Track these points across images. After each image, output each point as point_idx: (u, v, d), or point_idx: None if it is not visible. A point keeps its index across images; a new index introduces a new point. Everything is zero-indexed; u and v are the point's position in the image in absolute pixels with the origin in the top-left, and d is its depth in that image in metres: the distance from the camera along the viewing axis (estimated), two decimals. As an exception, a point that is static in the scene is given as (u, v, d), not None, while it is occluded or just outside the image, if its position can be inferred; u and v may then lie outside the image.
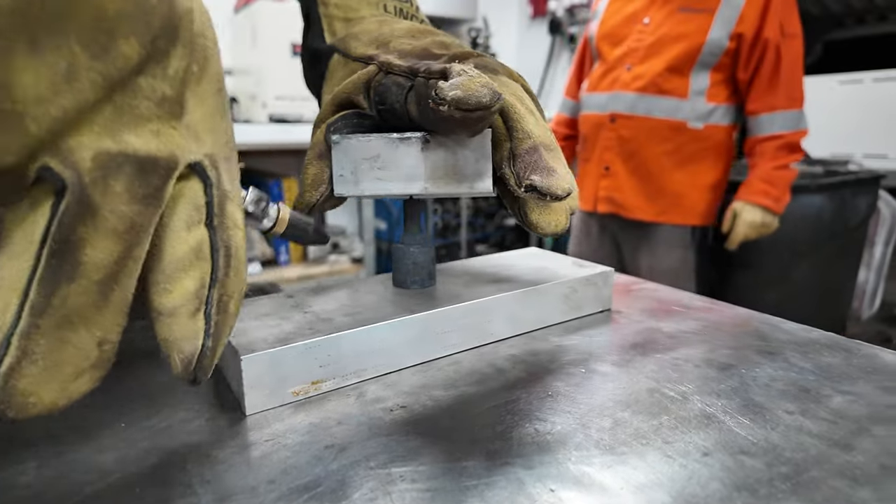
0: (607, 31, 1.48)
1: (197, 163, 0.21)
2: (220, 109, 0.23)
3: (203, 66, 0.21)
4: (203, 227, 0.21)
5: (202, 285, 0.21)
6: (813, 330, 0.38)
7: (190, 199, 0.21)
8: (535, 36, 3.11)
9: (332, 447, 0.25)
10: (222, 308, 0.22)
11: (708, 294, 1.66)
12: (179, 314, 0.20)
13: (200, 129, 0.21)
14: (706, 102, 1.36)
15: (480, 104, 0.28)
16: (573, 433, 0.26)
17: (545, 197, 0.30)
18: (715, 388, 0.30)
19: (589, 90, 1.52)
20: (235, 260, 0.22)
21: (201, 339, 0.21)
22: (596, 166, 1.49)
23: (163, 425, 0.27)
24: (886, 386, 0.30)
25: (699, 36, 1.32)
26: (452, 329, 0.34)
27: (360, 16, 0.41)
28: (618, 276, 0.52)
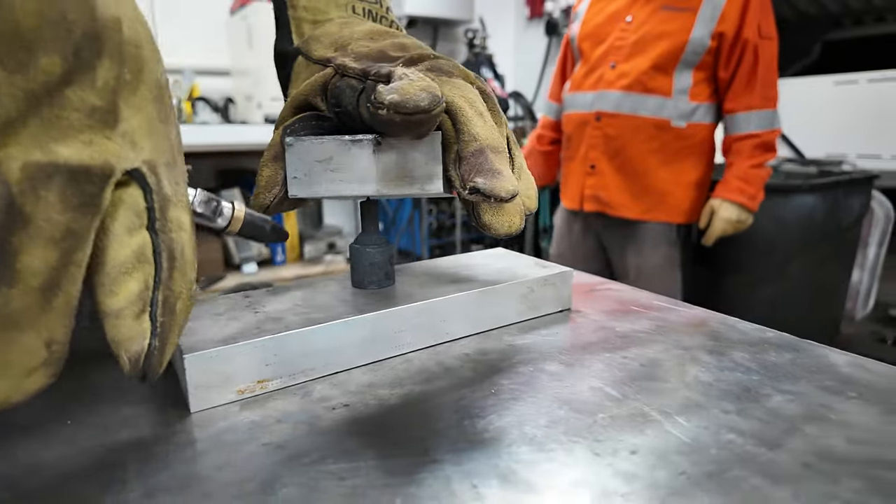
0: (589, 31, 1.49)
1: (135, 169, 0.22)
2: (161, 116, 0.23)
3: (137, 74, 0.22)
4: (145, 231, 0.22)
5: (146, 287, 0.22)
6: (767, 330, 0.38)
7: (130, 205, 0.21)
8: (531, 37, 3.11)
9: (269, 445, 0.25)
10: (168, 309, 0.22)
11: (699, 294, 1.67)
12: (125, 315, 0.21)
13: (138, 136, 0.22)
14: (689, 101, 1.37)
15: (419, 108, 0.28)
16: (508, 430, 0.26)
17: (489, 199, 0.30)
18: (657, 387, 0.30)
19: (572, 90, 1.53)
20: (180, 261, 0.23)
21: (147, 338, 0.22)
22: (581, 165, 1.50)
23: (109, 422, 0.27)
24: (827, 385, 0.30)
25: (682, 34, 1.33)
26: (405, 329, 0.34)
27: (328, 18, 0.41)
28: (584, 276, 0.52)
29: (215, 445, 0.25)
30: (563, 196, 1.61)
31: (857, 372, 0.32)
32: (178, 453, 0.25)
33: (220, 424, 0.27)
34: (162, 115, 0.23)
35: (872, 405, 0.28)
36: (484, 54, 2.78)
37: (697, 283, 1.77)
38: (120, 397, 0.30)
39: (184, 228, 0.24)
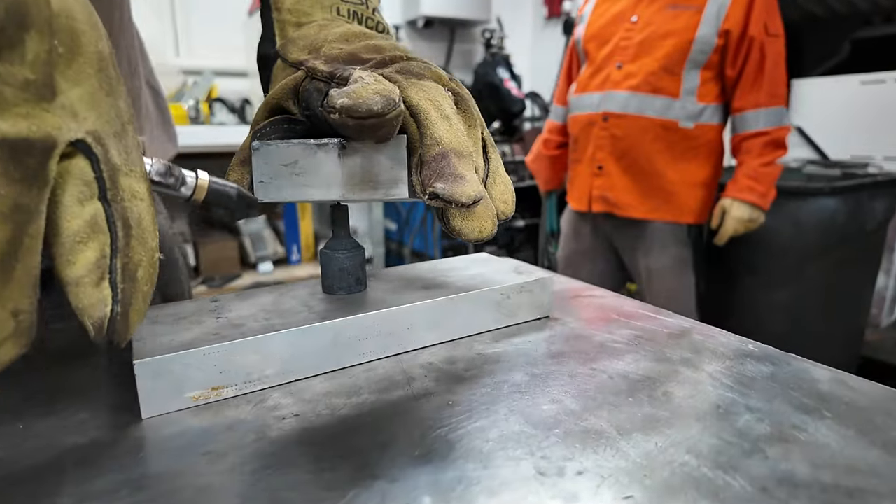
0: (594, 33, 1.48)
1: (79, 140, 0.22)
2: (105, 87, 0.23)
3: (72, 46, 0.22)
4: (97, 200, 0.22)
5: (102, 255, 0.22)
6: (749, 342, 0.36)
7: (77, 176, 0.21)
8: (549, 37, 3.09)
9: (211, 454, 0.25)
10: (128, 276, 0.23)
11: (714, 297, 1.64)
12: (84, 283, 0.21)
13: (79, 107, 0.22)
14: (697, 102, 1.35)
15: (371, 112, 0.27)
16: (456, 445, 0.25)
17: (450, 204, 0.29)
18: (621, 402, 0.29)
19: (578, 91, 1.52)
20: (137, 230, 0.23)
21: (109, 305, 0.22)
22: (588, 166, 1.48)
23: (60, 426, 0.27)
24: (802, 403, 0.28)
25: (688, 33, 1.32)
26: (369, 336, 0.33)
27: (312, 20, 0.41)
28: (572, 282, 0.51)
29: (158, 453, 0.25)
30: (570, 198, 1.60)
31: (838, 389, 0.30)
32: (119, 460, 0.24)
33: (168, 431, 0.27)
34: (106, 87, 0.23)
35: (847, 426, 0.26)
36: (501, 55, 2.77)
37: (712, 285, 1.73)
38: (79, 400, 0.30)
39: (139, 197, 0.24)
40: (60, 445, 0.26)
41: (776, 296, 1.70)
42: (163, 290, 0.56)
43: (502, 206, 0.35)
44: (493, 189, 0.35)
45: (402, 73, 0.34)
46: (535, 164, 1.76)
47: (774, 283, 1.70)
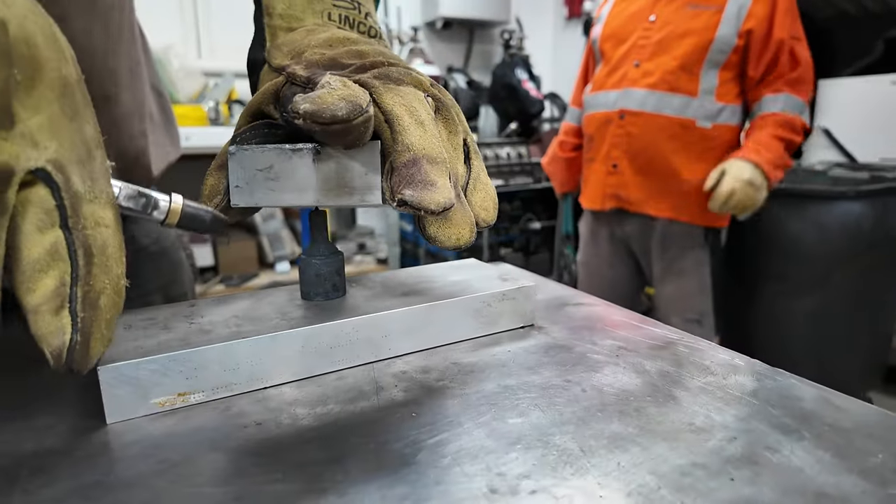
0: (611, 32, 1.46)
1: (39, 169, 0.22)
2: (69, 113, 0.23)
3: (32, 74, 0.21)
4: (58, 228, 0.22)
5: (62, 283, 0.22)
6: (738, 356, 0.35)
7: (38, 204, 0.22)
8: (570, 37, 3.06)
9: (166, 462, 0.25)
10: (89, 304, 0.23)
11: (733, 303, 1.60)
12: (42, 311, 0.22)
13: (40, 136, 0.22)
14: (715, 101, 1.33)
15: (335, 118, 0.27)
16: (411, 459, 0.24)
17: (418, 211, 0.29)
18: (591, 417, 0.28)
19: (594, 90, 1.50)
20: (101, 257, 0.23)
21: (69, 333, 0.22)
22: (603, 164, 1.47)
23: (25, 430, 0.28)
24: (781, 423, 0.27)
25: (708, 32, 1.29)
26: (341, 344, 0.33)
27: (303, 25, 0.41)
28: (563, 290, 0.50)
29: (114, 460, 0.25)
30: (583, 197, 1.58)
31: (822, 408, 0.29)
32: (74, 466, 0.24)
33: (129, 438, 0.27)
34: (70, 113, 0.23)
35: (825, 449, 0.25)
36: (519, 55, 2.75)
37: (731, 291, 1.69)
38: (49, 405, 0.30)
39: (103, 224, 0.24)
40: (20, 451, 0.26)
41: (801, 303, 1.65)
42: (165, 291, 0.56)
43: (483, 214, 0.34)
44: (472, 196, 0.34)
45: (380, 79, 0.34)
46: (551, 166, 1.75)
47: (799, 290, 1.65)
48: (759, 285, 1.72)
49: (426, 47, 2.74)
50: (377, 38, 0.42)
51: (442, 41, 2.91)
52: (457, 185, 0.33)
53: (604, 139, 1.45)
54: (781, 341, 1.70)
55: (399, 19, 2.72)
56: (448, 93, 0.37)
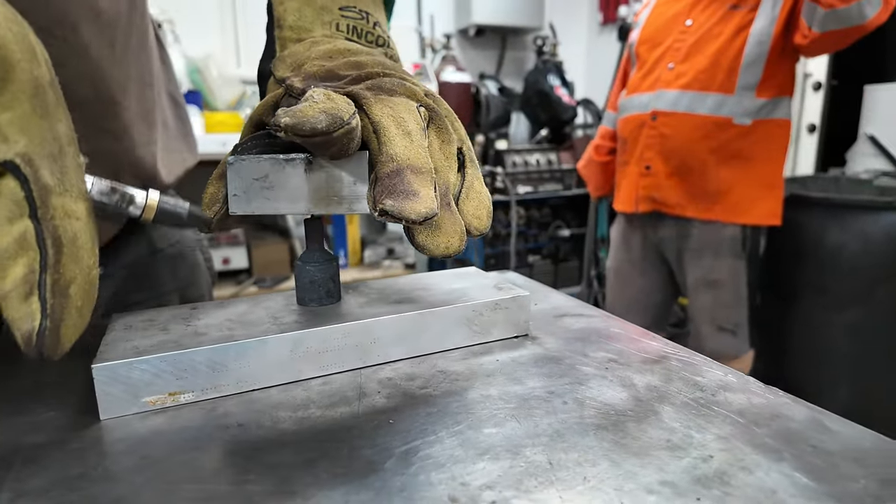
0: (647, 36, 1.45)
1: (8, 161, 0.23)
2: (39, 111, 0.24)
3: (3, 75, 0.22)
4: (27, 219, 0.23)
5: (31, 271, 0.23)
6: (731, 372, 0.34)
7: (7, 195, 0.23)
8: (604, 43, 3.02)
9: (148, 458, 0.26)
10: (58, 291, 0.23)
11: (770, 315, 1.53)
12: (11, 297, 0.22)
13: (9, 131, 0.23)
14: (755, 98, 1.29)
15: (315, 130, 0.28)
16: (378, 466, 0.25)
17: (399, 221, 0.29)
18: (567, 429, 0.28)
19: (628, 94, 1.49)
20: (71, 247, 0.24)
21: (38, 319, 0.23)
22: (636, 166, 1.45)
23: (26, 424, 0.29)
24: (763, 443, 0.26)
25: (743, 28, 1.27)
26: (329, 349, 0.34)
27: (312, 36, 0.42)
28: (563, 300, 0.49)
29: (101, 454, 0.26)
30: (616, 201, 1.56)
31: (810, 429, 0.28)
32: (64, 459, 0.26)
33: (118, 434, 0.28)
34: (41, 111, 0.24)
35: (804, 471, 0.24)
36: (552, 61, 2.73)
37: (767, 302, 1.64)
38: (52, 400, 0.32)
39: (74, 216, 0.25)
40: (18, 442, 0.27)
41: (841, 317, 1.58)
42: (182, 293, 0.58)
43: (475, 222, 0.34)
44: (465, 205, 0.35)
45: (373, 90, 0.35)
46: (587, 169, 1.74)
47: (839, 303, 1.58)
48: (796, 297, 1.66)
49: (458, 54, 2.76)
50: (385, 46, 0.43)
51: (474, 48, 2.93)
52: (447, 194, 0.34)
53: (637, 142, 1.44)
54: (819, 356, 1.64)
55: (432, 27, 2.74)
56: (444, 102, 0.38)
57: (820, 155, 2.33)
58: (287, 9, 0.42)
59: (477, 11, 2.66)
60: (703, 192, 1.36)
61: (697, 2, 1.36)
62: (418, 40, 2.73)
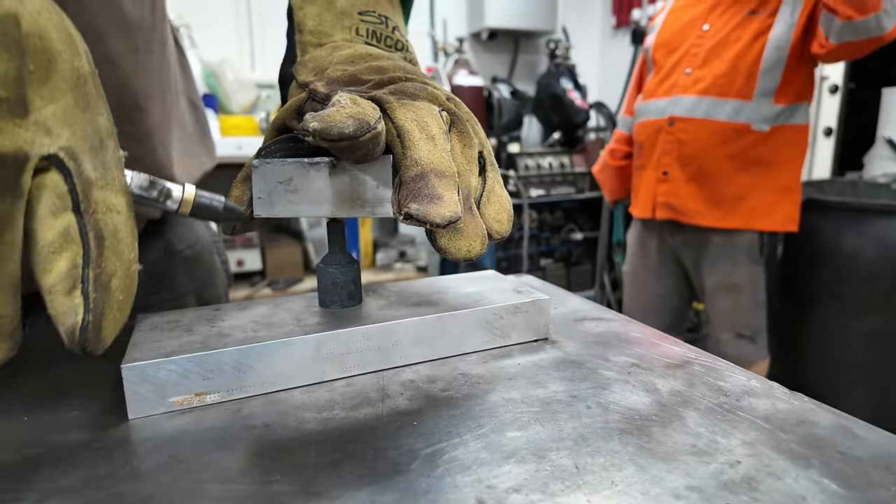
0: (663, 41, 1.45)
1: (52, 155, 0.22)
2: (82, 104, 0.24)
3: (46, 65, 0.22)
4: (70, 212, 0.23)
5: (74, 265, 0.23)
6: (754, 377, 0.34)
7: (52, 189, 0.23)
8: (617, 46, 3.02)
9: (175, 457, 0.26)
10: (100, 286, 0.23)
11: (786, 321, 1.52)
12: (56, 291, 0.23)
13: (53, 124, 0.23)
14: (773, 104, 1.28)
15: (342, 135, 0.28)
16: (404, 468, 0.25)
17: (424, 225, 0.30)
18: (591, 433, 0.28)
19: (645, 98, 1.49)
20: (112, 241, 0.24)
21: (81, 313, 0.23)
22: (653, 172, 1.44)
23: (55, 422, 0.30)
24: (790, 449, 0.26)
25: (761, 34, 1.26)
26: (352, 351, 0.34)
27: (332, 41, 0.42)
28: (583, 304, 0.49)
29: (129, 453, 0.27)
30: (633, 207, 1.55)
31: (838, 435, 0.27)
32: (93, 457, 0.26)
33: (145, 433, 0.28)
34: (83, 104, 0.24)
35: (833, 478, 0.24)
36: (565, 65, 2.73)
37: (784, 308, 1.62)
38: (81, 398, 0.32)
39: (115, 210, 0.25)
40: (48, 441, 0.28)
41: (859, 324, 1.56)
42: (199, 294, 0.59)
43: (496, 226, 0.35)
44: (486, 208, 0.35)
45: (395, 94, 0.35)
46: (602, 174, 1.74)
47: (857, 310, 1.56)
48: (813, 303, 1.64)
49: (471, 58, 2.76)
50: (404, 50, 0.43)
51: (487, 52, 2.93)
52: (469, 197, 0.34)
53: (654, 147, 1.43)
54: (837, 363, 1.61)
55: (445, 31, 2.75)
56: (465, 106, 0.38)
57: (837, 159, 2.31)
58: (307, 14, 0.42)
59: (490, 15, 2.66)
60: (721, 199, 1.35)
61: (715, 6, 1.35)
62: (431, 44, 2.74)
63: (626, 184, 1.67)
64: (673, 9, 1.48)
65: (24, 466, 0.26)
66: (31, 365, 0.36)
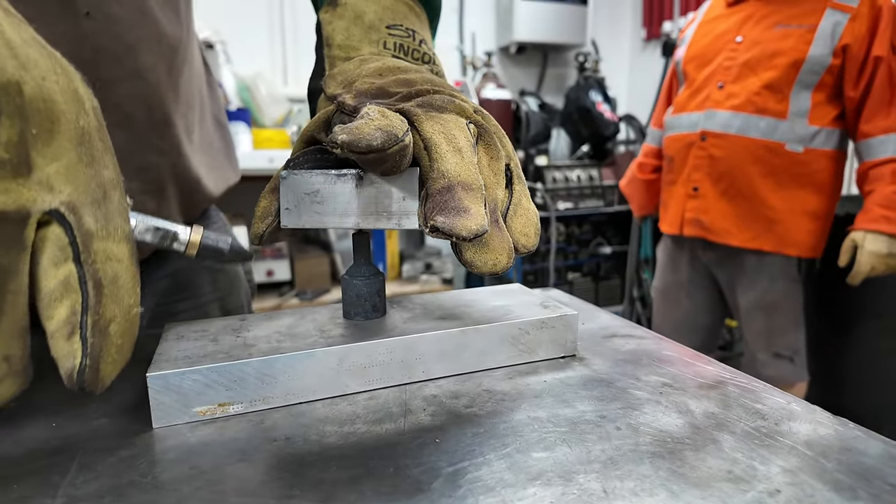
0: (695, 53, 1.42)
1: (54, 210, 0.24)
2: (85, 159, 0.25)
3: (49, 127, 0.23)
4: (71, 262, 0.24)
5: (73, 312, 0.24)
6: (795, 401, 0.32)
7: (54, 241, 0.24)
8: (648, 58, 2.99)
9: (196, 468, 0.26)
10: (98, 331, 0.24)
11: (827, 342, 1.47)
12: (57, 336, 0.24)
13: (55, 181, 0.24)
14: (808, 125, 1.24)
15: (371, 147, 0.28)
16: (425, 486, 0.24)
17: (450, 237, 0.29)
18: (621, 456, 0.27)
19: (675, 112, 1.46)
20: (111, 288, 0.25)
21: (79, 357, 0.24)
22: (683, 187, 1.41)
23: (85, 428, 0.30)
24: (835, 478, 0.25)
25: (799, 52, 1.22)
26: (374, 364, 0.34)
27: (360, 54, 0.43)
28: (612, 319, 0.48)
29: (152, 462, 0.27)
30: (662, 222, 1.52)
31: (887, 466, 0.26)
32: (117, 465, 0.26)
33: (169, 443, 0.28)
34: (86, 159, 0.25)
35: (883, 512, 0.22)
36: (594, 77, 2.71)
37: (822, 327, 1.56)
38: (108, 405, 0.32)
39: (114, 258, 0.25)
40: (74, 448, 0.28)
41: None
42: (222, 303, 0.60)
43: (523, 240, 0.34)
44: (513, 221, 0.34)
45: (423, 107, 0.35)
46: (629, 188, 1.71)
47: (895, 330, 1.50)
48: (852, 321, 1.57)
49: (499, 71, 2.77)
50: (431, 63, 0.43)
51: (516, 65, 2.93)
52: (495, 210, 0.33)
53: (685, 162, 1.40)
54: (881, 386, 1.54)
55: (473, 45, 2.77)
56: (492, 118, 0.38)
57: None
58: (335, 28, 0.42)
59: (518, 29, 2.67)
60: (753, 219, 1.32)
61: (748, 18, 1.32)
62: (459, 58, 2.75)
63: (654, 198, 1.64)
64: (704, 21, 1.45)
65: (52, 471, 0.26)
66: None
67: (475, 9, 2.81)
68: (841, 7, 1.19)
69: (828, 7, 1.20)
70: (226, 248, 0.32)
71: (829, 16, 1.20)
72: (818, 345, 1.55)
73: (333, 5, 0.42)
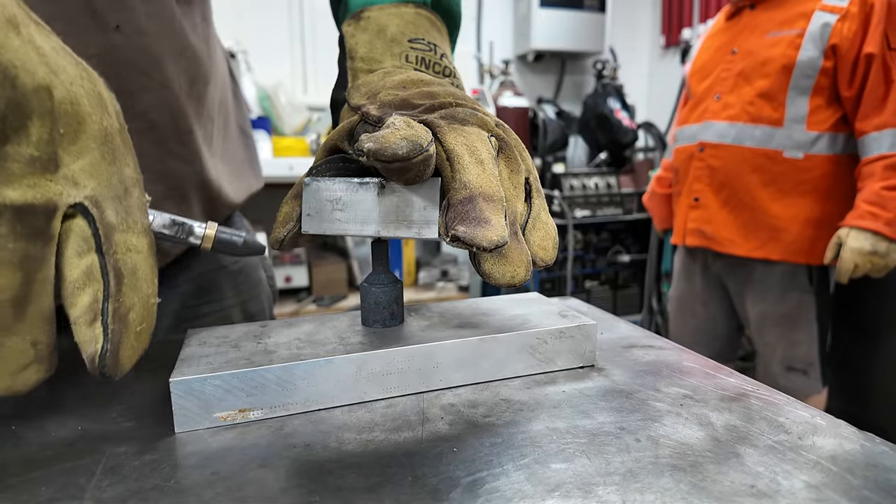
0: (697, 67, 1.44)
1: (78, 203, 0.25)
2: (108, 157, 0.27)
3: (76, 127, 0.25)
4: (93, 253, 0.26)
5: (95, 300, 0.25)
6: (819, 415, 0.32)
7: (77, 233, 0.25)
8: (667, 66, 2.97)
9: (217, 473, 0.26)
10: (119, 318, 0.26)
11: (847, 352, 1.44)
12: (80, 323, 0.25)
13: (80, 177, 0.25)
14: (806, 130, 1.22)
15: (396, 156, 0.28)
16: (443, 496, 0.24)
17: (471, 248, 0.29)
18: (641, 468, 0.26)
19: (679, 125, 1.48)
20: (131, 278, 0.27)
21: (101, 342, 0.25)
22: (686, 198, 1.42)
23: (108, 431, 0.31)
24: (861, 495, 0.24)
25: (788, 58, 1.21)
26: (393, 372, 0.34)
27: (382, 67, 0.43)
28: (632, 329, 0.47)
29: (174, 467, 0.27)
30: (673, 233, 1.52)
31: (916, 484, 0.25)
32: (141, 469, 0.27)
33: (191, 448, 0.29)
34: (109, 157, 0.27)
35: (912, 532, 0.22)
36: (612, 85, 2.70)
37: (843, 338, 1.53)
38: (133, 409, 0.33)
39: (135, 250, 0.27)
40: (101, 450, 0.29)
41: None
42: (244, 307, 0.61)
43: (541, 253, 0.34)
44: (531, 234, 0.34)
45: (446, 119, 0.35)
46: (650, 202, 1.70)
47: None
48: (875, 331, 1.54)
49: (516, 80, 2.77)
50: (452, 76, 0.44)
51: (533, 73, 2.93)
52: (515, 223, 0.33)
53: (687, 173, 1.41)
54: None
55: (491, 53, 2.78)
56: (513, 132, 0.38)
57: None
58: (358, 41, 0.43)
59: (536, 37, 2.67)
60: (756, 227, 1.30)
61: (743, 29, 1.33)
62: (476, 66, 2.76)
63: None
64: (709, 34, 1.47)
65: (79, 474, 0.26)
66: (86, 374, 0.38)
67: (493, 17, 2.82)
68: (830, 8, 1.18)
69: (817, 9, 1.19)
70: (239, 241, 0.33)
71: (817, 18, 1.18)
72: (840, 355, 1.51)
73: (357, 19, 0.43)
